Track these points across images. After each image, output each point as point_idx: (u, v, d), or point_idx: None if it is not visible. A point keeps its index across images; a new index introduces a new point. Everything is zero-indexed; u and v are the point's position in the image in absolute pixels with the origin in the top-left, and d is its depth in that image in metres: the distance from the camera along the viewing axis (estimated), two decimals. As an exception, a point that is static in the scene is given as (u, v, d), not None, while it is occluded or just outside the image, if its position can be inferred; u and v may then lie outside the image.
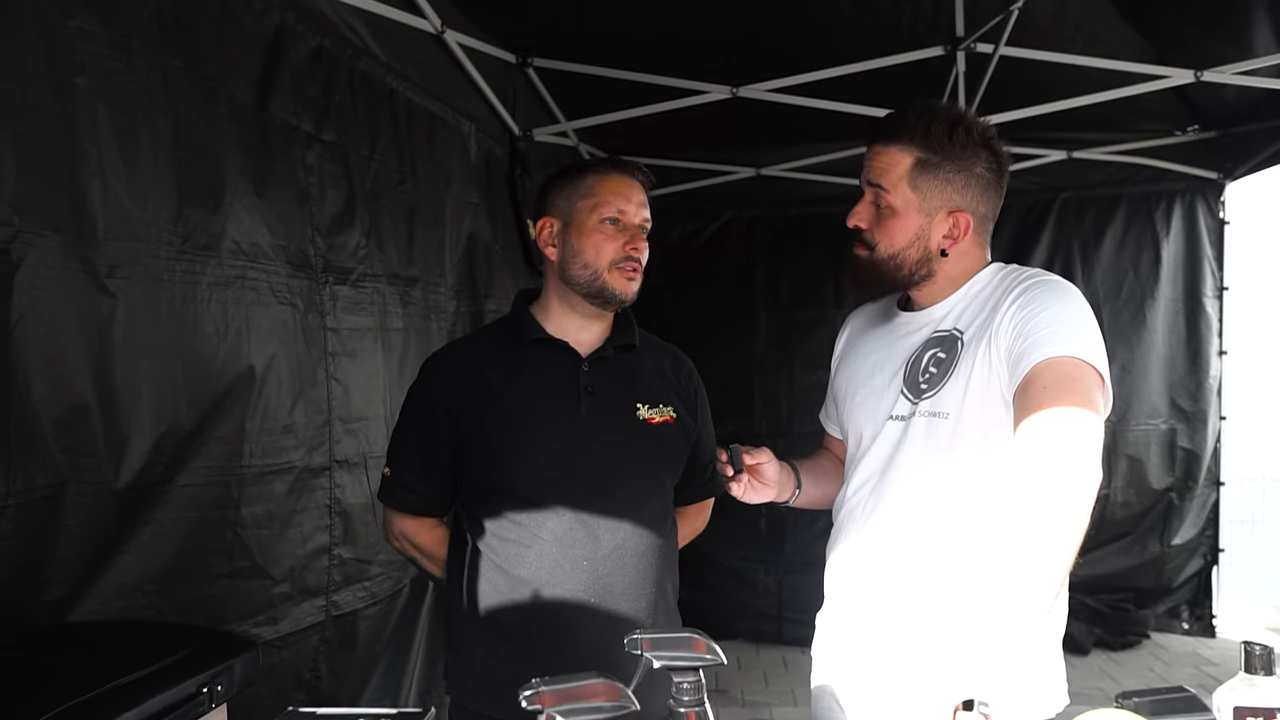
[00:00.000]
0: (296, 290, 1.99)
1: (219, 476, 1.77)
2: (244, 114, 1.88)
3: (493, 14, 3.13)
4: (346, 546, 2.12)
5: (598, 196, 1.60)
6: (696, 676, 1.08)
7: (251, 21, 1.94)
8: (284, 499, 1.93)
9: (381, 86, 2.46)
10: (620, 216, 1.61)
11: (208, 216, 1.76)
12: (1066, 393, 1.27)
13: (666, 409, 1.68)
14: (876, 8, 3.37)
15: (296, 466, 1.98)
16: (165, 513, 1.67)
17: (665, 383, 1.72)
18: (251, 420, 1.84)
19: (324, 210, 2.09)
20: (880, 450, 1.52)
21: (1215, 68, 3.54)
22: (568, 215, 1.62)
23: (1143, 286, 4.91)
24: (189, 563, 1.71)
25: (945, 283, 1.52)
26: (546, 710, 0.88)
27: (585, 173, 1.64)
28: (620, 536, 1.59)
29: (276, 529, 1.90)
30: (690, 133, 4.48)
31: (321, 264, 2.09)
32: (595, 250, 1.59)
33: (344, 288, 2.16)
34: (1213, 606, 4.92)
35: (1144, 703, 0.96)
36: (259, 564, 1.85)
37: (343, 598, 2.09)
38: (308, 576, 1.97)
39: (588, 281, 1.60)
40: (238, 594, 1.78)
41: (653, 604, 1.62)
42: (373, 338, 2.20)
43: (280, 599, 1.89)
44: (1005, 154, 1.51)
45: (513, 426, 1.57)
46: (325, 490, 2.05)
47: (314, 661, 1.98)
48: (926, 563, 1.44)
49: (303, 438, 1.98)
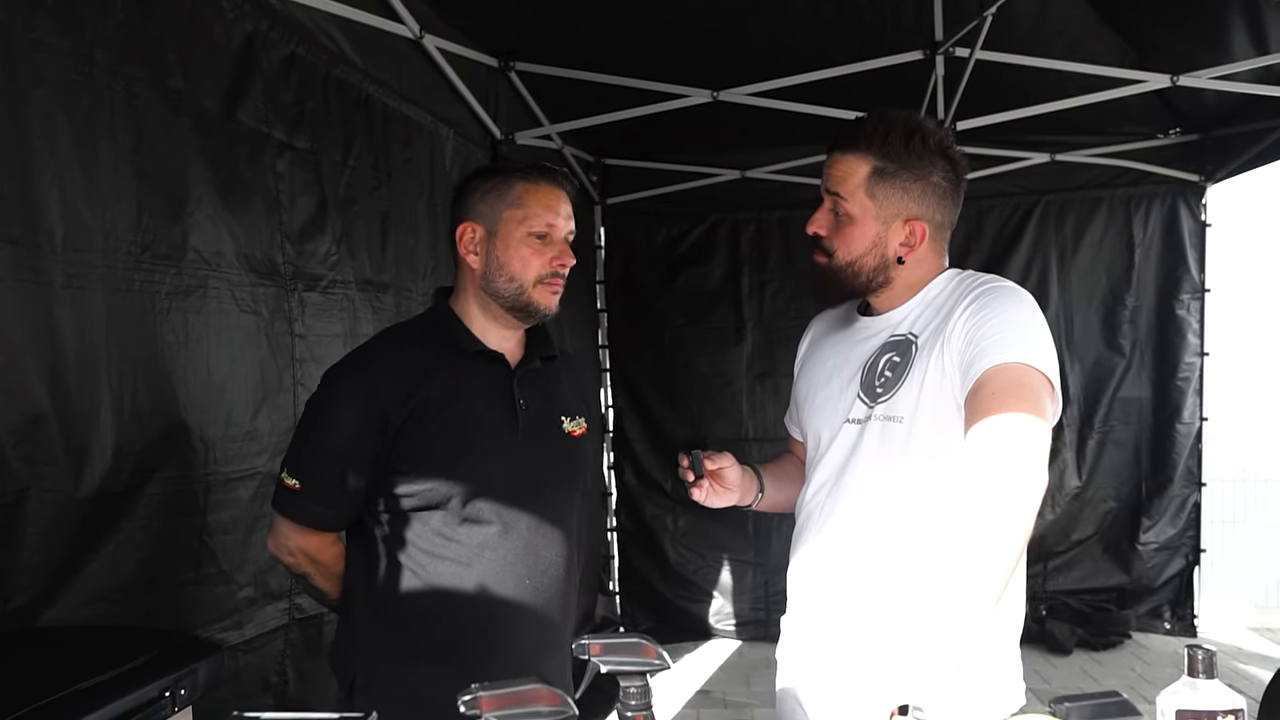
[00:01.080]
0: (262, 298, 2.00)
1: (183, 484, 1.78)
2: (211, 123, 1.88)
3: (474, 19, 3.15)
4: None
5: (526, 209, 1.53)
6: (644, 681, 1.09)
7: (222, 31, 1.95)
8: (248, 505, 1.94)
9: (357, 92, 2.47)
10: (549, 231, 1.54)
11: (169, 226, 1.77)
12: (1015, 398, 1.29)
13: (581, 420, 1.67)
14: (859, 12, 3.39)
15: (261, 472, 1.99)
16: (130, 520, 1.68)
17: (576, 392, 1.71)
18: (214, 427, 1.84)
19: (294, 217, 2.10)
20: (837, 453, 1.54)
21: (1191, 72, 3.56)
22: (492, 224, 1.54)
23: (1121, 287, 4.94)
24: (155, 569, 1.72)
25: (902, 289, 1.53)
26: (485, 715, 0.89)
27: (512, 180, 1.56)
28: (555, 551, 1.59)
29: (241, 534, 1.91)
30: (675, 136, 4.51)
31: (290, 270, 2.10)
32: (522, 264, 1.53)
33: (313, 294, 2.16)
34: (1194, 606, 4.94)
35: (1076, 707, 0.97)
36: (224, 569, 1.86)
37: (305, 600, 2.10)
38: (270, 580, 1.98)
39: (512, 295, 1.54)
40: (203, 599, 1.79)
41: (565, 615, 1.63)
42: (342, 344, 2.20)
43: (245, 603, 1.90)
44: (962, 163, 1.53)
45: (456, 442, 1.51)
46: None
47: (280, 665, 1.99)
48: (882, 565, 1.46)
49: (267, 444, 1.99)
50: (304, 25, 2.25)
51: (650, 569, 5.20)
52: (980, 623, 1.12)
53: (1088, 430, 4.97)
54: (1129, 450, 4.98)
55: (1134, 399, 4.96)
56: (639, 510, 5.18)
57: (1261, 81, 3.76)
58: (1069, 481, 5.01)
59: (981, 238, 5.03)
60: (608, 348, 5.24)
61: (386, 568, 1.52)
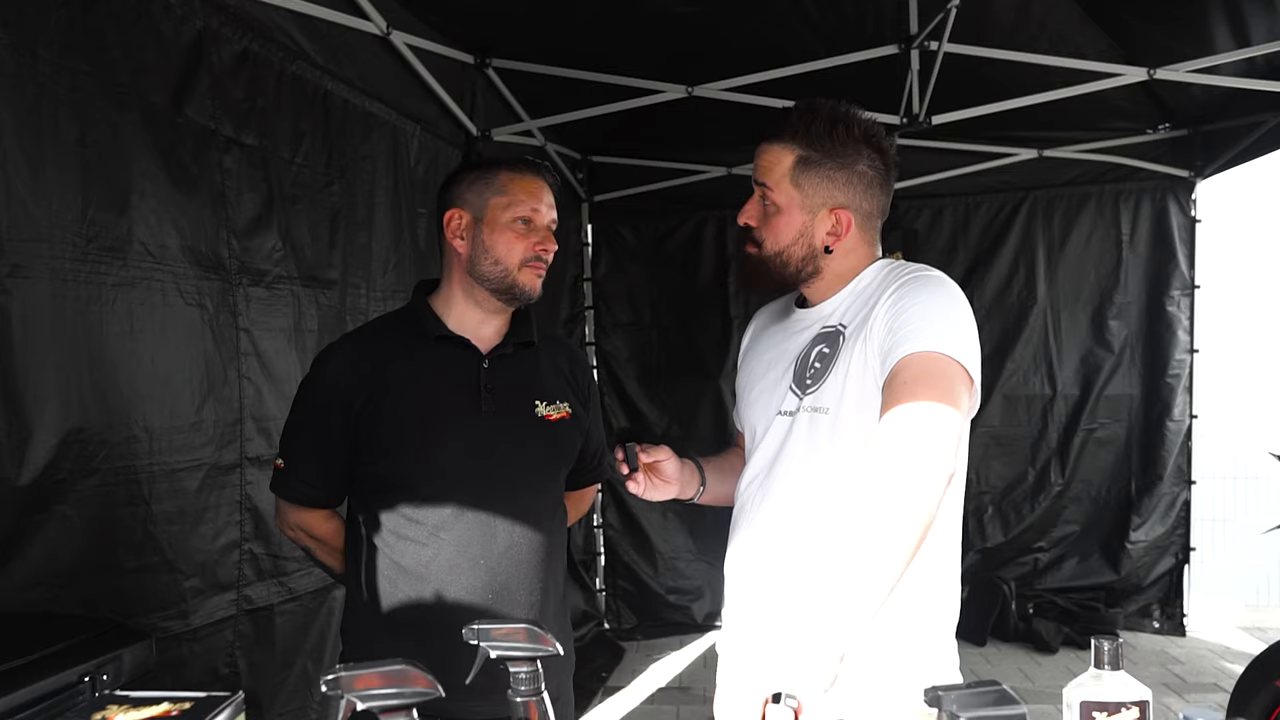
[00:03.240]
0: (206, 291, 2.01)
1: (128, 474, 1.80)
2: (157, 117, 1.90)
3: (447, 16, 3.16)
4: (258, 542, 2.14)
5: (511, 195, 1.61)
6: (533, 667, 1.10)
7: (171, 27, 1.96)
8: (194, 495, 1.95)
9: (314, 89, 2.48)
10: (533, 216, 1.62)
11: (114, 219, 1.78)
12: (925, 387, 1.28)
13: (563, 405, 1.70)
14: (840, 7, 3.39)
15: (207, 464, 2.01)
16: (74, 508, 1.69)
17: (562, 378, 1.74)
18: (159, 418, 1.86)
19: (240, 213, 2.12)
20: (769, 445, 1.55)
21: (1169, 65, 3.54)
22: (479, 210, 1.62)
23: (1109, 284, 4.92)
24: (96, 557, 1.73)
25: (833, 279, 1.53)
26: (346, 695, 0.90)
27: (499, 170, 1.64)
28: (516, 534, 1.61)
29: (187, 525, 1.93)
30: (659, 132, 4.51)
31: (236, 265, 2.12)
32: (507, 248, 1.60)
33: (258, 289, 2.18)
34: (1184, 605, 4.91)
35: (950, 696, 0.96)
36: (169, 559, 1.88)
37: (255, 591, 2.12)
38: (219, 571, 2.00)
39: (498, 278, 1.61)
40: (146, 588, 1.81)
41: (543, 599, 1.64)
42: (286, 339, 2.23)
43: (190, 593, 1.91)
44: (891, 152, 1.52)
45: (413, 424, 1.58)
46: (236, 487, 2.08)
47: (230, 656, 2.01)
48: (809, 554, 1.45)
49: (212, 435, 2.01)
50: (258, 21, 2.26)
51: (641, 565, 5.20)
52: (866, 614, 1.11)
53: (1073, 428, 4.95)
54: (1117, 448, 4.96)
55: (1123, 396, 4.93)
56: (627, 507, 5.19)
57: (1245, 75, 3.74)
58: (1052, 479, 4.99)
59: (968, 234, 5.02)
60: (594, 344, 5.26)
61: (366, 547, 1.61)
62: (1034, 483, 5.01)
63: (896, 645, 1.42)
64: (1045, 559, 5.00)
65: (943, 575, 1.50)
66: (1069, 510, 4.99)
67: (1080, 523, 4.99)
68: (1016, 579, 4.92)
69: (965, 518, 5.24)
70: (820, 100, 1.53)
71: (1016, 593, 4.85)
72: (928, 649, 1.48)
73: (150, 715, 0.87)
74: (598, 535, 5.25)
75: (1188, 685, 4.21)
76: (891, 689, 1.38)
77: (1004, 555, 5.02)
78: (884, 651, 1.39)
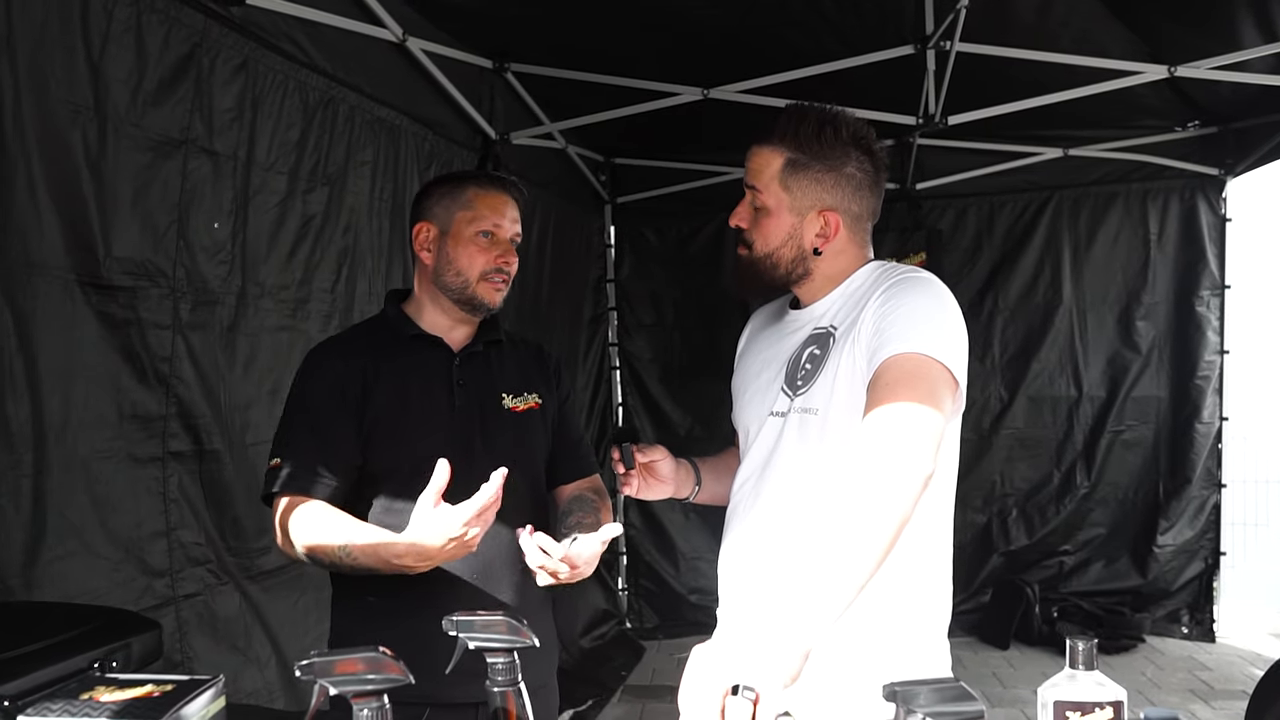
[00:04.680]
0: (143, 295, 2.08)
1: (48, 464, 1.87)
2: (122, 126, 1.97)
3: (464, 22, 3.21)
4: (186, 530, 2.21)
5: (476, 210, 1.70)
6: (510, 658, 1.13)
7: (162, 38, 2.04)
8: (119, 485, 2.03)
9: (319, 96, 2.54)
10: (495, 231, 1.70)
11: (75, 226, 1.87)
12: (907, 388, 1.28)
13: (531, 396, 1.78)
14: (859, 7, 3.38)
15: (137, 456, 2.08)
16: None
17: (528, 372, 1.82)
18: (86, 411, 1.94)
19: (193, 220, 2.19)
20: (762, 446, 1.56)
21: (1191, 62, 3.49)
22: (445, 224, 1.71)
23: (1137, 284, 4.86)
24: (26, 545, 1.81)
25: (823, 281, 1.55)
26: (319, 680, 0.94)
27: (466, 185, 1.73)
28: (494, 521, 1.65)
29: (108, 512, 2.00)
30: (680, 134, 4.52)
31: (183, 272, 2.18)
32: (469, 260, 1.69)
33: (196, 293, 2.24)
34: (1214, 611, 4.83)
35: (905, 692, 0.97)
36: (89, 543, 1.95)
37: (188, 577, 2.19)
38: (149, 559, 2.08)
39: (459, 289, 1.70)
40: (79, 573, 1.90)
41: (524, 580, 1.68)
42: (214, 339, 2.30)
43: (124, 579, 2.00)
44: (880, 154, 1.53)
45: (391, 417, 1.65)
46: (159, 479, 2.15)
47: (181, 643, 2.09)
48: (798, 555, 1.47)
49: (155, 431, 2.10)
50: (261, 28, 2.32)
51: (663, 565, 5.23)
52: (834, 610, 1.11)
53: (1100, 430, 4.89)
54: (1145, 450, 4.89)
55: (1150, 398, 4.87)
56: (649, 507, 5.21)
57: (1275, 71, 3.67)
58: (1077, 481, 4.93)
59: (993, 234, 4.98)
60: (617, 345, 5.29)
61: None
62: (1059, 485, 4.96)
63: (885, 644, 1.42)
64: (1070, 562, 4.94)
65: (932, 576, 1.50)
66: (1095, 513, 4.93)
67: (1106, 526, 4.93)
68: (1041, 582, 4.87)
69: (989, 520, 5.20)
70: (809, 104, 1.55)
71: (1040, 596, 4.80)
72: (917, 649, 1.47)
73: (135, 695, 0.91)
74: (620, 535, 5.27)
75: (1215, 692, 4.14)
76: (877, 688, 1.39)
77: (1028, 558, 4.97)
78: (872, 650, 1.40)
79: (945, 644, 1.53)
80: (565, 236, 4.58)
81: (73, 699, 0.90)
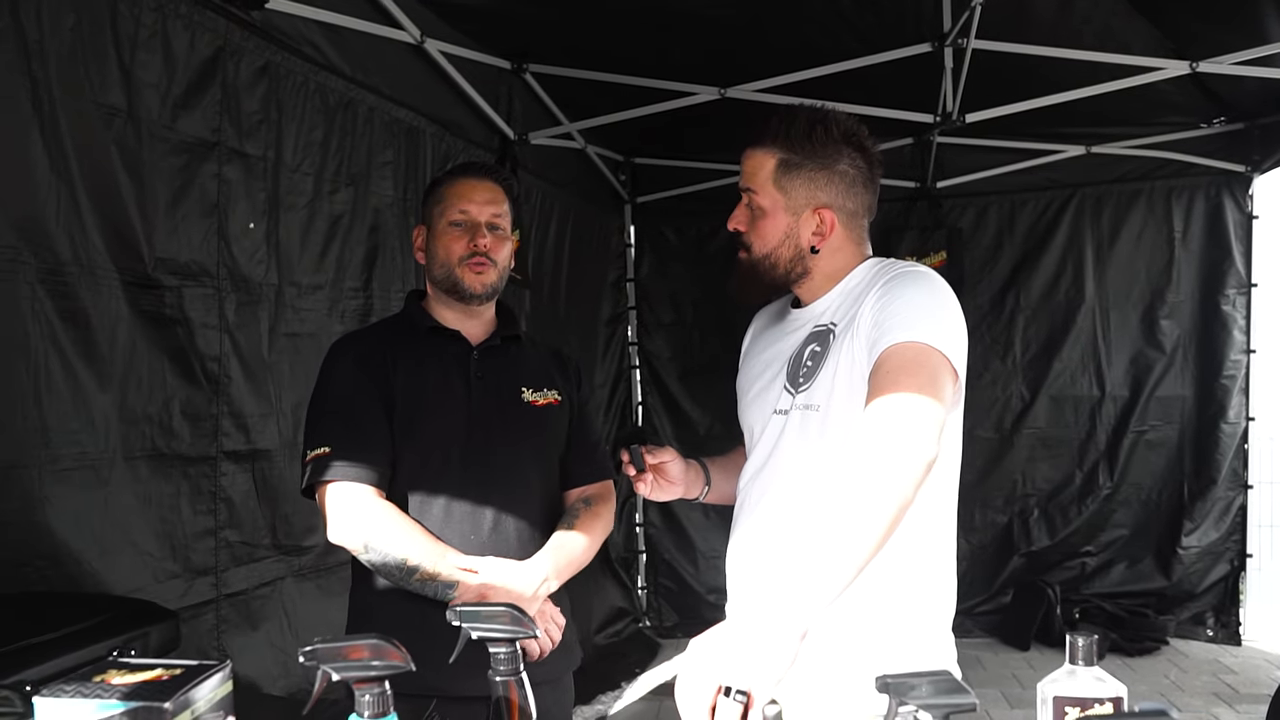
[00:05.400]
0: (190, 295, 2.13)
1: (98, 460, 1.91)
2: (149, 132, 2.02)
3: (482, 23, 3.24)
4: (232, 530, 2.25)
5: (445, 201, 1.76)
6: (512, 648, 1.15)
7: (187, 42, 2.09)
8: (169, 483, 2.07)
9: (339, 98, 2.58)
10: (463, 217, 1.74)
11: (114, 228, 1.91)
12: (907, 376, 1.29)
13: (550, 392, 1.81)
14: (878, 4, 3.38)
15: (186, 456, 2.12)
16: (52, 492, 1.81)
17: (548, 370, 1.84)
18: (137, 409, 1.98)
19: (232, 221, 2.23)
20: (765, 443, 1.58)
21: (1213, 58, 3.45)
22: (430, 222, 1.78)
23: (1161, 283, 4.80)
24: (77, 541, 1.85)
25: (822, 279, 1.56)
26: (322, 666, 0.97)
27: (441, 182, 1.81)
28: (504, 512, 1.69)
29: (163, 510, 2.04)
30: (699, 133, 4.51)
31: (225, 272, 2.22)
32: (446, 250, 1.74)
33: (240, 294, 2.28)
34: (1239, 613, 4.76)
35: (898, 684, 0.98)
36: (150, 543, 1.99)
37: (231, 576, 2.22)
38: (193, 557, 2.11)
39: (444, 279, 1.74)
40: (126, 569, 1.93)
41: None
42: (258, 339, 2.34)
43: (166, 575, 2.03)
44: (873, 151, 1.54)
45: (409, 406, 1.68)
46: (209, 478, 2.18)
47: (217, 639, 2.13)
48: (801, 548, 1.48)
49: (207, 429, 2.14)
50: (282, 33, 2.37)
51: (682, 564, 5.24)
52: (830, 594, 1.12)
53: (1123, 429, 4.84)
54: (1169, 450, 4.83)
55: (1175, 398, 4.81)
56: (668, 506, 5.22)
57: (1301, 66, 3.62)
58: (1100, 481, 4.89)
59: (1014, 232, 4.94)
60: (637, 344, 5.31)
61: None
62: (1081, 485, 4.92)
63: (886, 636, 1.43)
64: (1093, 564, 4.90)
65: (935, 567, 1.50)
66: (1118, 514, 4.88)
67: (1130, 527, 4.88)
68: (1062, 583, 4.83)
69: (1010, 520, 5.16)
70: (800, 105, 1.57)
71: (1062, 597, 4.76)
72: (920, 641, 1.47)
73: (145, 678, 0.94)
74: (639, 534, 5.30)
75: (1240, 696, 4.09)
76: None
77: (1050, 559, 4.93)
78: (873, 642, 1.41)
79: (950, 638, 1.53)
80: (585, 236, 4.60)
81: (85, 681, 0.93)
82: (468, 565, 1.62)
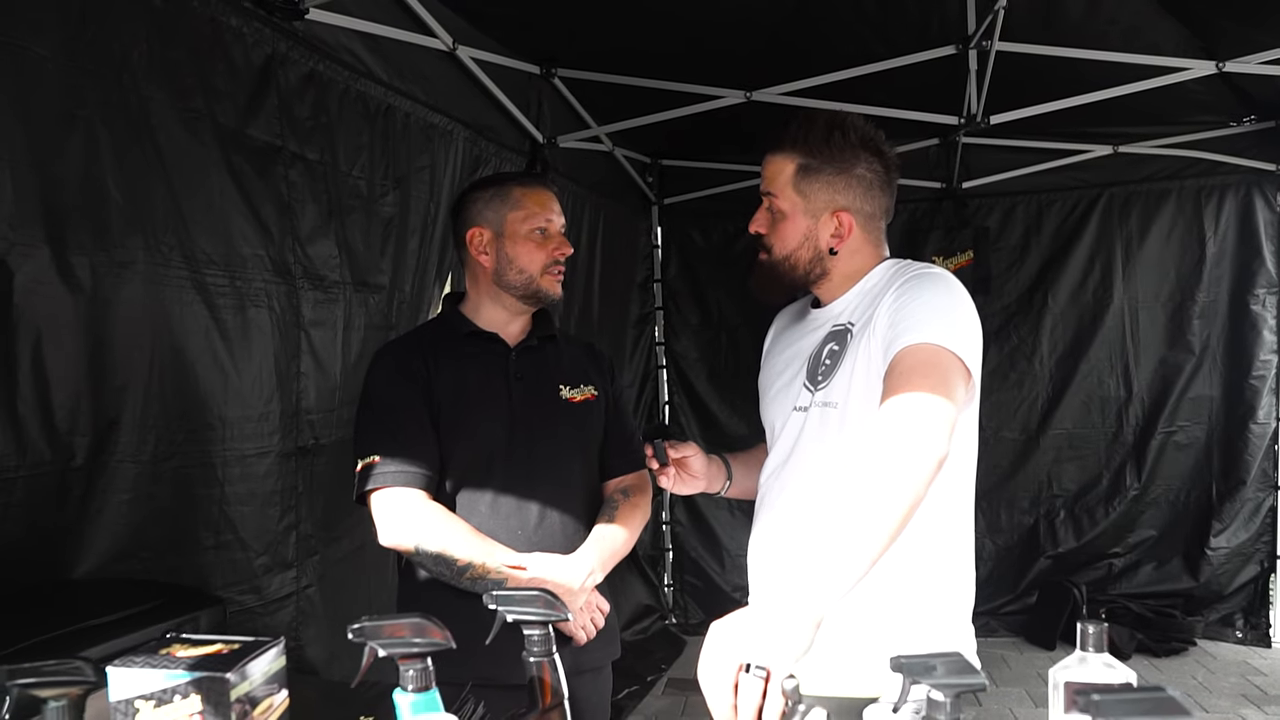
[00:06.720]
0: (274, 294, 2.21)
1: (204, 459, 2.00)
2: (227, 136, 2.10)
3: (511, 29, 3.31)
4: (309, 523, 2.32)
5: (527, 209, 1.80)
6: (545, 630, 1.21)
7: (243, 52, 2.17)
8: (260, 480, 2.15)
9: (378, 104, 2.66)
10: (547, 225, 1.81)
11: (191, 229, 1.99)
12: (921, 376, 1.33)
13: (587, 388, 1.87)
14: (903, 6, 3.40)
15: (273, 451, 2.20)
16: (158, 488, 1.90)
17: (583, 366, 1.91)
18: (231, 409, 2.06)
19: (303, 223, 2.32)
20: (785, 440, 1.63)
21: (1240, 57, 3.44)
22: (498, 226, 1.80)
23: (1190, 283, 4.78)
24: (178, 534, 1.94)
25: (841, 280, 1.61)
26: (369, 642, 1.04)
27: (510, 186, 1.83)
28: (549, 506, 1.76)
29: (256, 506, 2.12)
30: (725, 136, 4.57)
31: (300, 270, 2.31)
32: (529, 257, 1.79)
33: (317, 292, 2.37)
34: (1269, 615, 4.73)
35: (910, 664, 1.02)
36: (241, 538, 2.08)
37: (308, 569, 2.29)
38: (280, 549, 2.19)
39: (523, 285, 1.80)
40: (222, 564, 2.03)
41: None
42: (334, 337, 2.42)
43: (260, 570, 2.11)
44: (890, 155, 1.59)
45: (453, 408, 1.74)
46: (293, 473, 2.26)
47: (295, 629, 2.20)
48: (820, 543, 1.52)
49: (278, 425, 2.20)
50: (325, 43, 2.45)
51: (709, 561, 5.28)
52: (845, 584, 1.16)
53: (1150, 430, 4.82)
54: (1197, 451, 4.81)
55: (1204, 398, 4.79)
56: (695, 504, 5.27)
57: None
58: (1127, 482, 4.87)
59: (1041, 232, 4.93)
60: (664, 345, 5.36)
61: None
62: (1108, 486, 4.90)
63: (904, 627, 1.47)
64: (1120, 565, 4.88)
65: (952, 561, 1.54)
66: (1146, 515, 4.86)
67: (1158, 528, 4.86)
68: (1089, 583, 4.81)
69: (1036, 521, 5.17)
70: (819, 111, 1.62)
71: (1088, 597, 4.75)
72: (937, 633, 1.51)
73: (206, 652, 1.02)
74: (665, 532, 5.36)
75: (1269, 698, 4.07)
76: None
77: (1077, 560, 4.92)
78: (890, 631, 1.45)
79: (969, 630, 1.57)
80: (613, 237, 4.66)
81: (153, 654, 1.01)
82: (516, 562, 1.69)
